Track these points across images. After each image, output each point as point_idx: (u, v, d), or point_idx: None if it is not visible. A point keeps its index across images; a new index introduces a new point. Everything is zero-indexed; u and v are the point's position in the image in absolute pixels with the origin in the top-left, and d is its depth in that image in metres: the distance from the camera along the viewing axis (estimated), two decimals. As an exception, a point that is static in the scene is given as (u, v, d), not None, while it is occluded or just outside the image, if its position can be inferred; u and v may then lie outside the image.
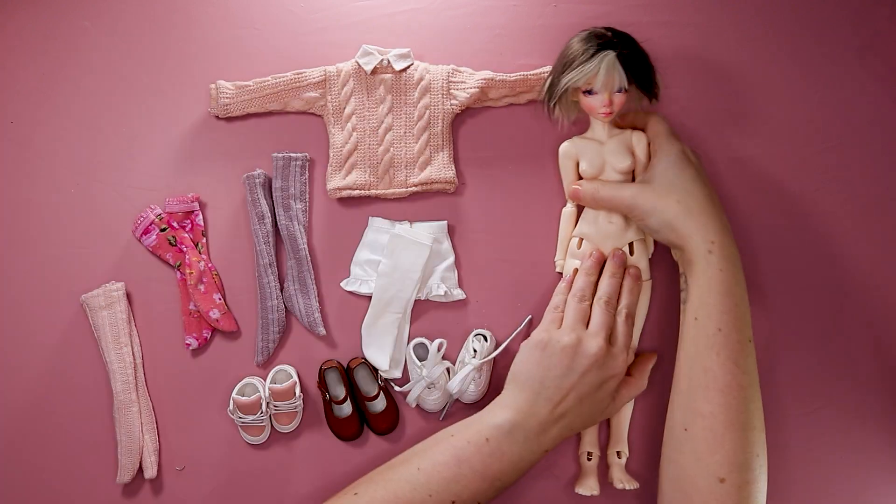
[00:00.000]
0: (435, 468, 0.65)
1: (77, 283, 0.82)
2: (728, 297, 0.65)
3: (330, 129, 0.84)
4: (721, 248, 0.66)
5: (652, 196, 0.69)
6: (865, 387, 0.79)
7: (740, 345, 0.64)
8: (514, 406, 0.68)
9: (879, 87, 0.85)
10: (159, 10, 0.89)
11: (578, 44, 0.72)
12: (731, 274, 0.66)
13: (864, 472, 0.78)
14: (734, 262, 0.67)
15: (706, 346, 0.64)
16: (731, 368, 0.63)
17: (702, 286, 0.66)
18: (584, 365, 0.67)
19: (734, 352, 0.63)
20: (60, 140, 0.86)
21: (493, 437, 0.66)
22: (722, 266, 0.65)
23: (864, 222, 0.82)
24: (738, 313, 0.65)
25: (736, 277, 0.66)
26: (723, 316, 0.64)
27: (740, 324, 0.65)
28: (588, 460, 0.76)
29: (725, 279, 0.65)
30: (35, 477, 0.79)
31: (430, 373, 0.77)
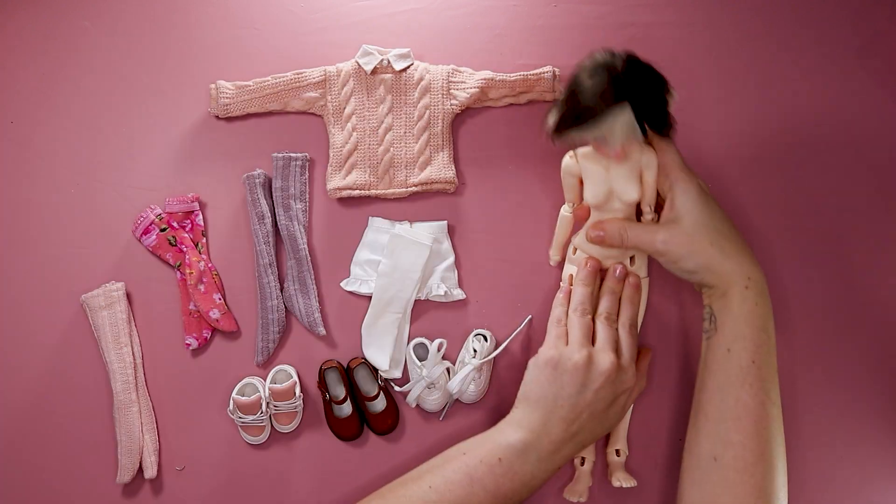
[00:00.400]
0: (447, 486, 0.65)
1: (77, 283, 0.82)
2: (763, 332, 0.66)
3: (330, 129, 0.84)
4: (756, 284, 0.67)
5: (684, 240, 0.67)
6: (865, 386, 0.79)
7: (771, 376, 0.65)
8: (527, 426, 0.67)
9: (879, 87, 0.85)
10: (159, 10, 0.89)
11: (589, 85, 0.64)
12: (765, 308, 0.67)
13: (864, 468, 0.78)
14: (766, 295, 0.67)
15: (739, 377, 0.65)
16: (763, 400, 0.64)
17: (738, 320, 0.66)
18: (598, 382, 0.66)
19: (766, 383, 0.65)
20: (60, 140, 0.86)
21: (505, 457, 0.65)
22: (758, 301, 0.66)
23: (865, 222, 0.82)
24: (770, 347, 0.66)
25: (768, 311, 0.67)
26: (758, 349, 0.65)
27: (771, 356, 0.66)
28: (581, 465, 0.75)
29: (762, 313, 0.66)
30: (35, 477, 0.79)
31: (430, 373, 0.77)
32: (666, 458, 0.78)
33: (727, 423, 0.64)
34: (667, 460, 0.78)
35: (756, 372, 0.64)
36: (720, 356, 0.67)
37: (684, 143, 0.85)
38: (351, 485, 0.78)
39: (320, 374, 0.80)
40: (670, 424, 0.79)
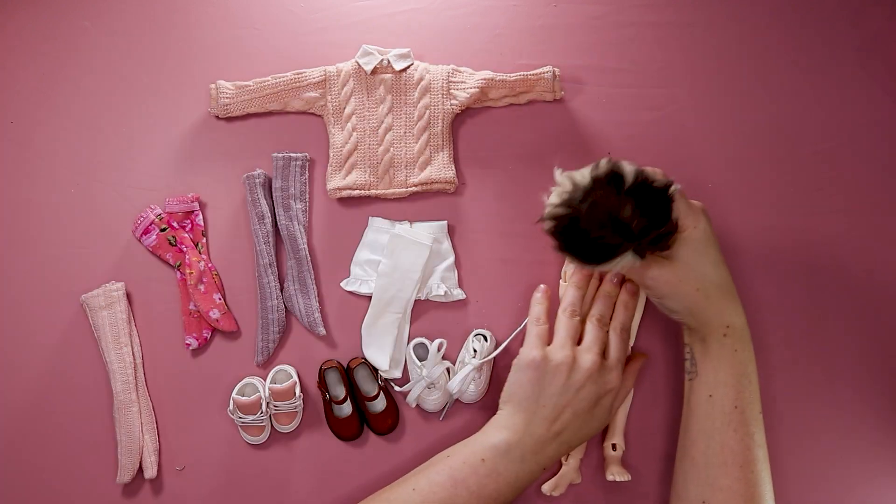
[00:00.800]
0: (431, 488, 0.65)
1: (77, 283, 0.82)
2: (743, 377, 0.66)
3: (330, 129, 0.84)
4: (735, 331, 0.67)
5: (672, 280, 0.66)
6: (865, 385, 0.79)
7: (755, 420, 0.66)
8: (510, 426, 0.68)
9: (879, 87, 0.85)
10: (159, 10, 0.89)
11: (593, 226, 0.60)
12: (745, 354, 0.67)
13: (861, 467, 0.78)
14: (747, 341, 0.68)
15: (723, 422, 0.66)
16: (748, 443, 0.65)
17: (718, 367, 0.67)
18: (579, 381, 0.67)
19: (750, 426, 0.65)
20: (60, 140, 0.86)
21: (489, 458, 0.66)
22: (737, 347, 0.67)
23: (865, 222, 0.82)
24: (752, 390, 0.67)
25: (749, 356, 0.68)
26: (739, 394, 0.66)
27: (754, 399, 0.67)
28: (565, 461, 0.76)
29: (741, 360, 0.67)
30: (35, 477, 0.79)
31: (430, 373, 0.77)
32: (663, 454, 0.78)
33: (714, 469, 0.65)
34: (664, 456, 0.78)
35: (739, 416, 0.65)
36: (703, 401, 0.68)
37: (685, 142, 0.85)
38: (351, 485, 0.78)
39: (320, 374, 0.80)
40: (668, 421, 0.78)
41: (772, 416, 0.77)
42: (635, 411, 0.79)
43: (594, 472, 0.78)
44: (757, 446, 0.65)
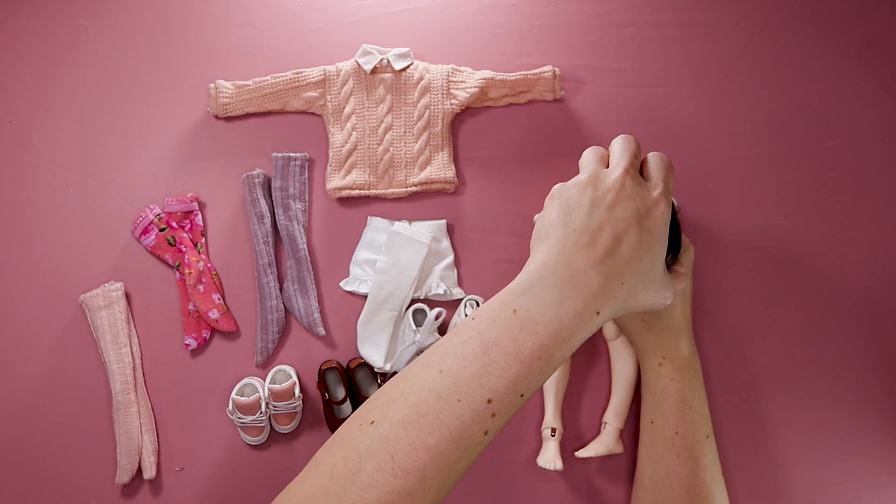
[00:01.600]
0: (459, 364, 0.50)
1: (76, 283, 0.82)
2: (683, 403, 0.67)
3: (329, 129, 0.84)
4: (671, 362, 0.68)
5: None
6: (867, 386, 0.79)
7: (698, 444, 0.66)
8: (538, 261, 0.54)
9: (879, 87, 0.85)
10: (158, 9, 0.89)
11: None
12: (682, 382, 0.67)
13: (863, 473, 0.78)
14: (687, 371, 0.68)
15: (665, 447, 0.66)
16: (692, 468, 0.65)
17: (654, 394, 0.68)
18: (609, 196, 0.54)
19: (694, 451, 0.66)
20: (59, 140, 0.86)
21: (521, 306, 0.51)
22: (673, 376, 0.67)
23: (865, 222, 0.82)
24: (694, 416, 0.67)
25: (690, 383, 0.68)
26: (679, 420, 0.66)
27: (696, 424, 0.67)
28: (552, 436, 0.75)
29: (678, 388, 0.67)
30: (34, 477, 0.79)
31: (423, 339, 0.77)
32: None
33: (661, 493, 0.66)
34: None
35: (681, 442, 0.66)
36: (647, 427, 0.69)
37: (685, 142, 0.85)
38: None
39: (320, 374, 0.80)
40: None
41: (769, 420, 0.77)
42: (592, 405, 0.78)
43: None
44: (703, 469, 0.65)
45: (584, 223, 0.53)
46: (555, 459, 0.74)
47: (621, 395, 0.76)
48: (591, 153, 0.59)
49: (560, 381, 0.76)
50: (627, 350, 0.77)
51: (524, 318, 0.51)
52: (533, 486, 0.78)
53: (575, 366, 0.79)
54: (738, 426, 0.78)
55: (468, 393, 0.49)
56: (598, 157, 0.58)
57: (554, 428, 0.75)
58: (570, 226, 0.54)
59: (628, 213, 0.53)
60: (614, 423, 0.75)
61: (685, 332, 0.69)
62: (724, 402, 0.78)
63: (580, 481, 0.78)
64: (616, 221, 0.53)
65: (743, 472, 0.77)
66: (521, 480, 0.78)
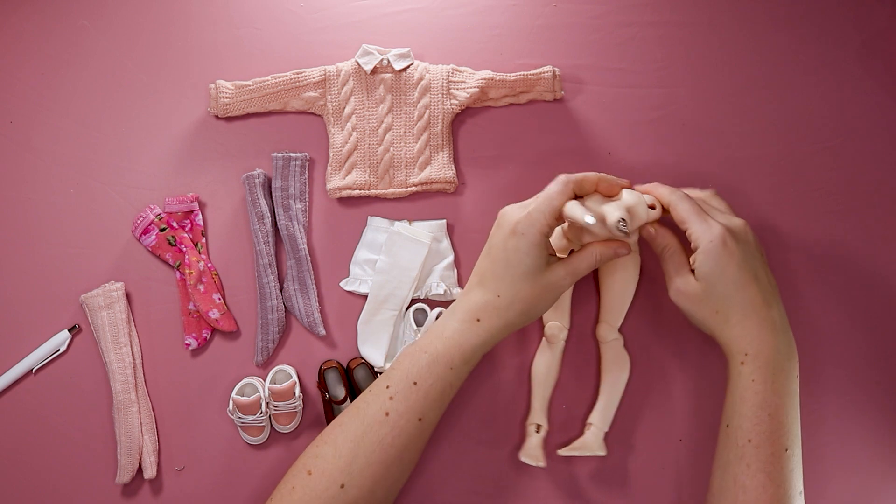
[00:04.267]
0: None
1: (76, 283, 0.82)
2: (761, 409, 0.62)
3: (330, 129, 0.84)
4: (755, 360, 0.63)
5: (693, 298, 0.66)
6: (868, 386, 0.79)
7: (774, 457, 0.61)
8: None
9: (879, 87, 0.85)
10: (158, 9, 0.89)
11: None
12: (765, 384, 0.62)
13: (863, 472, 0.78)
14: (771, 370, 0.63)
15: (736, 455, 0.62)
16: (762, 481, 0.60)
17: (733, 395, 0.64)
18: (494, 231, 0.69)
19: (766, 464, 0.61)
20: (60, 140, 0.86)
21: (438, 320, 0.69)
22: (755, 377, 0.62)
23: (865, 222, 0.82)
24: (773, 424, 0.62)
25: (773, 387, 0.62)
26: (754, 427, 0.62)
27: (775, 435, 0.61)
28: (536, 432, 0.75)
29: (759, 390, 0.62)
30: (35, 477, 0.79)
31: None
32: (672, 460, 0.78)
33: (727, 503, 0.62)
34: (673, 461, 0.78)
35: (753, 452, 0.61)
36: (721, 429, 0.65)
37: (685, 142, 0.85)
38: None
39: (320, 374, 0.80)
40: (680, 427, 0.78)
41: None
42: (648, 418, 0.78)
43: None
44: (775, 485, 0.60)
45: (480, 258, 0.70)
46: (537, 456, 0.74)
47: (609, 397, 0.76)
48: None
49: (548, 379, 0.76)
50: (620, 353, 0.77)
51: (432, 327, 0.67)
52: (517, 481, 0.78)
53: (570, 367, 0.79)
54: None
55: (376, 383, 0.66)
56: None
57: (539, 424, 0.75)
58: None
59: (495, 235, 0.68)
60: (599, 424, 0.75)
61: (769, 322, 0.64)
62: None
63: (565, 481, 0.78)
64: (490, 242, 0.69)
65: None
66: (507, 475, 0.78)
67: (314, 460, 0.64)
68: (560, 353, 0.76)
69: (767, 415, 0.62)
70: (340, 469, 0.62)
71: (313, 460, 0.64)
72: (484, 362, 0.73)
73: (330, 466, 0.62)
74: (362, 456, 0.62)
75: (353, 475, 0.61)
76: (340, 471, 0.61)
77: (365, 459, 0.62)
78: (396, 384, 0.64)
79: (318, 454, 0.64)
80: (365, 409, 0.64)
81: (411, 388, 0.63)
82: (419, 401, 0.63)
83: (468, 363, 0.66)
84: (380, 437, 0.62)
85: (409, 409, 0.63)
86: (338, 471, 0.62)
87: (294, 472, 0.65)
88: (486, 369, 0.80)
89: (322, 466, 0.62)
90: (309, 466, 0.63)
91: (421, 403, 0.63)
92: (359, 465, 0.61)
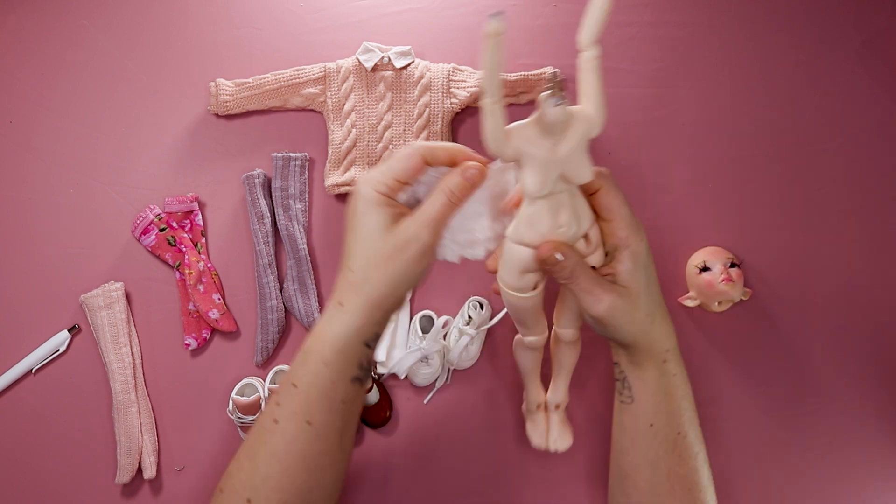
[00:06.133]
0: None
1: (76, 283, 0.82)
2: (684, 400, 0.63)
3: (329, 126, 0.84)
4: (673, 354, 0.62)
5: (627, 310, 0.57)
6: (868, 386, 0.79)
7: (697, 438, 0.63)
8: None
9: (879, 87, 0.85)
10: (158, 9, 0.89)
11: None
12: (682, 376, 0.63)
13: (863, 471, 0.78)
14: (680, 359, 0.63)
15: (667, 450, 0.62)
16: (695, 466, 0.62)
17: (657, 395, 0.62)
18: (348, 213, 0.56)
19: (694, 447, 0.63)
20: (59, 140, 0.86)
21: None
22: (675, 371, 0.62)
23: (866, 222, 0.82)
24: (693, 411, 0.63)
25: (684, 375, 0.63)
26: (682, 419, 0.62)
27: (693, 420, 0.63)
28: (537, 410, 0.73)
29: (679, 383, 0.62)
30: (35, 477, 0.79)
31: (429, 346, 0.77)
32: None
33: (662, 496, 0.62)
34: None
35: (683, 441, 0.62)
36: (643, 430, 0.63)
37: (685, 142, 0.85)
38: (347, 479, 0.78)
39: (320, 374, 0.80)
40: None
41: (768, 419, 0.77)
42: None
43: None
44: (702, 465, 0.63)
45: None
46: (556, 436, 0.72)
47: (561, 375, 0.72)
48: None
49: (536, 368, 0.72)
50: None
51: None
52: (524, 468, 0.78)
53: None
54: (740, 427, 0.78)
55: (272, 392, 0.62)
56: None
57: (540, 403, 0.73)
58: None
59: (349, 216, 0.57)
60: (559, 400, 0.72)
61: (667, 313, 0.62)
62: (723, 405, 0.78)
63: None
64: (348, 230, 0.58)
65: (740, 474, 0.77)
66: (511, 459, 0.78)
67: (225, 477, 0.60)
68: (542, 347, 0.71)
69: (688, 402, 0.63)
70: (244, 483, 0.58)
71: (224, 478, 0.60)
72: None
73: (235, 482, 0.59)
74: (261, 468, 0.57)
75: (257, 488, 0.58)
76: (244, 485, 0.58)
77: (265, 471, 0.57)
78: (281, 389, 0.58)
79: (228, 471, 0.60)
80: (259, 420, 0.59)
81: (291, 390, 0.57)
82: (301, 403, 0.57)
83: (342, 354, 0.57)
84: (272, 445, 0.57)
85: (293, 412, 0.57)
86: (241, 485, 0.58)
87: (214, 492, 0.62)
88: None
89: (229, 483, 0.59)
90: (221, 485, 0.60)
91: (303, 405, 0.57)
92: (260, 476, 0.58)
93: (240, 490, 0.58)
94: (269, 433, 0.58)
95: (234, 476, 0.59)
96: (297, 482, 0.58)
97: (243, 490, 0.58)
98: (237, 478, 0.59)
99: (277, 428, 0.57)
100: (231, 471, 0.60)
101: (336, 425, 0.59)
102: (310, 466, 0.58)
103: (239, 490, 0.58)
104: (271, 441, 0.57)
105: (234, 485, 0.59)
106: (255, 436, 0.59)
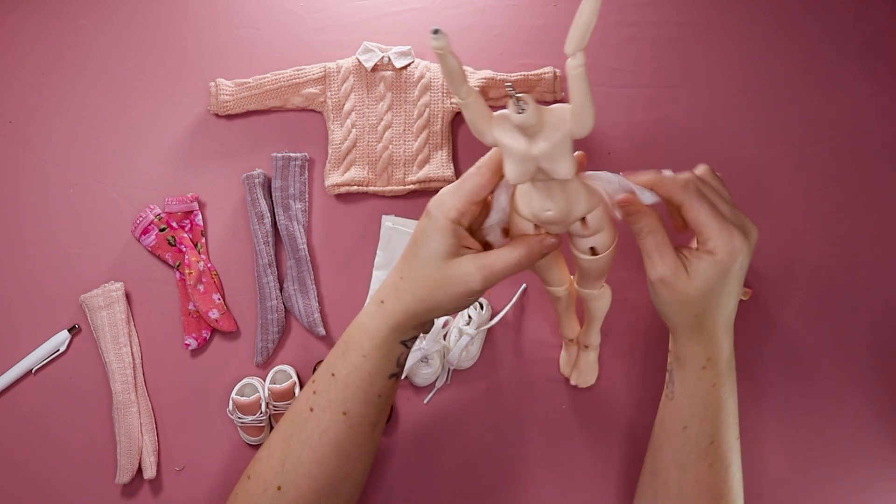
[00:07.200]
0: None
1: (76, 283, 0.82)
2: (721, 412, 0.62)
3: (329, 126, 0.84)
4: (716, 364, 0.61)
5: (680, 295, 0.57)
6: (869, 385, 0.79)
7: (730, 450, 0.62)
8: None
9: (879, 87, 0.85)
10: (158, 9, 0.89)
11: None
12: (725, 388, 0.61)
13: (864, 471, 0.78)
14: (728, 373, 0.62)
15: (698, 456, 0.62)
16: (724, 477, 0.62)
17: (693, 399, 0.62)
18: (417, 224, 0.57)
19: (726, 459, 0.62)
20: (59, 140, 0.86)
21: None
22: (715, 381, 0.61)
23: (866, 222, 0.82)
24: (731, 422, 0.62)
25: (730, 388, 0.62)
26: (717, 428, 0.61)
27: (732, 430, 0.63)
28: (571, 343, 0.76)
29: (720, 395, 0.61)
30: (35, 477, 0.79)
31: (429, 346, 0.77)
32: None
33: (688, 500, 0.62)
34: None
35: (715, 451, 0.61)
36: (678, 431, 0.63)
37: (685, 142, 0.85)
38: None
39: (320, 374, 0.80)
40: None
41: (767, 420, 0.77)
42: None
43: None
44: (732, 477, 0.62)
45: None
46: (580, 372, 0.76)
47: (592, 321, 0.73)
48: None
49: (565, 307, 0.72)
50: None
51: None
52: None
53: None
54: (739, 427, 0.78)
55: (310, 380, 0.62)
56: None
57: (572, 339, 0.75)
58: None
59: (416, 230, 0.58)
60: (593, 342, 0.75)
61: (731, 330, 0.61)
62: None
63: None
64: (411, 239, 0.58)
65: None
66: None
67: (253, 464, 0.62)
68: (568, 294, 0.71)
69: (727, 414, 0.62)
70: (275, 471, 0.59)
71: (253, 464, 0.62)
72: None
73: (265, 469, 0.60)
74: (293, 455, 0.59)
75: (288, 476, 0.59)
76: (275, 472, 0.59)
77: (296, 458, 0.59)
78: (319, 378, 0.60)
79: (257, 458, 0.62)
80: (294, 407, 0.61)
81: (330, 380, 0.59)
82: (339, 393, 0.58)
83: (379, 349, 0.58)
84: (306, 434, 0.59)
85: (330, 402, 0.59)
86: (272, 473, 0.59)
87: (240, 479, 0.63)
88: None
89: (259, 470, 0.61)
90: (249, 471, 0.62)
91: (341, 396, 0.58)
92: (291, 464, 0.59)
93: (269, 477, 0.59)
94: (304, 421, 0.59)
95: (264, 462, 0.60)
96: (329, 471, 0.59)
97: (274, 477, 0.59)
98: (266, 464, 0.60)
99: (312, 416, 0.59)
100: (261, 456, 0.61)
101: (370, 418, 0.60)
102: (341, 456, 0.59)
103: (268, 477, 0.59)
104: (305, 429, 0.59)
105: (264, 472, 0.60)
106: (288, 423, 0.60)
